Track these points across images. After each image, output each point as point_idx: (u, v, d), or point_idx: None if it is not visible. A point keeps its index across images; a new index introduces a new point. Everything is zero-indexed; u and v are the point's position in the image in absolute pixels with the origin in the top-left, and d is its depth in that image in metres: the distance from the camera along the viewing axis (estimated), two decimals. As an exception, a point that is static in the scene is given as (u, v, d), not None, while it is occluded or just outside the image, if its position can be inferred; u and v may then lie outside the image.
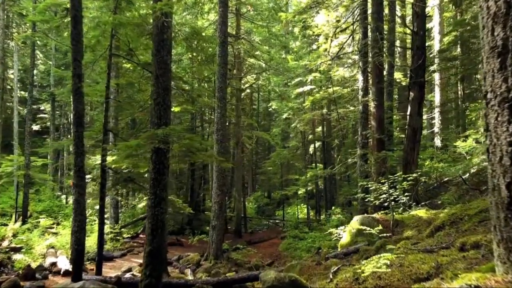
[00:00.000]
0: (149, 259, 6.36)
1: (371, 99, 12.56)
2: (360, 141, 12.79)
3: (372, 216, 8.34)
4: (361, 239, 8.07)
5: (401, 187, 8.47)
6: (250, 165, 38.66)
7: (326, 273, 6.36)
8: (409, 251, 4.82)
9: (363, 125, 12.96)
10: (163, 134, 6.35)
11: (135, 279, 8.55)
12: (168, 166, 6.75)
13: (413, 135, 11.94)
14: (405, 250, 4.89)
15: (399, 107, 21.47)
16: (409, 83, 12.55)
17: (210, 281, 7.92)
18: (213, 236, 13.74)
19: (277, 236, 20.04)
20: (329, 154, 25.40)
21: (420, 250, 4.77)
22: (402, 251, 4.96)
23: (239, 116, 21.46)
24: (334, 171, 13.96)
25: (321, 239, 16.02)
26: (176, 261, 13.52)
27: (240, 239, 20.36)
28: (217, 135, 13.98)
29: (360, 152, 12.66)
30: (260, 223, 28.61)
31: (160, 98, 6.76)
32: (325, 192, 24.91)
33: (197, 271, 12.47)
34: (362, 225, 8.23)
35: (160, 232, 6.48)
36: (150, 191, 6.66)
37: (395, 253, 4.92)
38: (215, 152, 13.97)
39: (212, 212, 13.97)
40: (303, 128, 25.00)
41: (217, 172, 13.88)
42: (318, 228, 18.42)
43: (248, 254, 15.26)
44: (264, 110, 40.85)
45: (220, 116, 14.04)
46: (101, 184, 8.74)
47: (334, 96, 16.73)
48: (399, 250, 5.02)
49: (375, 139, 12.26)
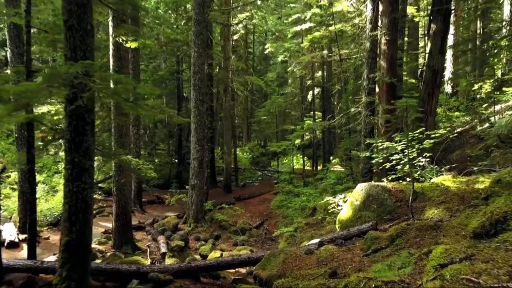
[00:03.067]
0: (67, 254, 4.45)
1: (382, 33, 10.10)
2: (366, 86, 10.51)
3: (381, 185, 6.36)
4: (367, 214, 6.16)
5: (420, 146, 6.44)
6: (245, 114, 36.52)
7: (319, 272, 4.48)
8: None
9: (370, 66, 10.58)
10: (73, 74, 4.15)
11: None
12: (93, 122, 4.62)
13: (432, 78, 9.68)
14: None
15: (408, 47, 18.86)
16: (430, 12, 10.03)
17: (169, 269, 6.13)
18: (192, 196, 11.96)
19: (269, 190, 18.38)
20: (329, 101, 23.11)
21: None
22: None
23: (227, 58, 18.87)
24: (334, 123, 11.83)
25: (317, 197, 14.33)
26: (150, 225, 11.84)
27: (229, 194, 18.77)
28: (194, 79, 11.67)
29: (365, 99, 10.45)
30: (254, 175, 27.06)
31: (73, 19, 4.45)
32: (323, 143, 22.99)
33: (172, 237, 10.81)
34: (368, 196, 6.29)
35: (83, 217, 4.52)
36: (66, 158, 4.60)
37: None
38: (192, 101, 11.77)
39: (191, 170, 12.07)
40: (301, 73, 22.47)
41: (196, 124, 11.76)
42: (314, 184, 16.72)
43: (235, 214, 13.62)
44: (260, 53, 37.93)
45: (198, 56, 11.62)
46: (28, 143, 6.69)
47: (335, 31, 14.08)
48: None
49: (384, 84, 9.99)
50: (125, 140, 8.99)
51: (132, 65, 13.05)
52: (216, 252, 9.38)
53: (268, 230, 13.02)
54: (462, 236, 3.83)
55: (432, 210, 5.24)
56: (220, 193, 18.93)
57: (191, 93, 11.85)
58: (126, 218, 9.10)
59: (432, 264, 3.04)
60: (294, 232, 11.12)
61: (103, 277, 6.16)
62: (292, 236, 10.80)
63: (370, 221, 5.93)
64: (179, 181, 20.93)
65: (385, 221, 5.80)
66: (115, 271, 6.15)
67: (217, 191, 19.34)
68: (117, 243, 9.05)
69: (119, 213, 9.00)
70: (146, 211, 14.16)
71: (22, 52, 8.44)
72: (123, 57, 8.98)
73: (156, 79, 21.14)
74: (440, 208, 5.20)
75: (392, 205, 5.98)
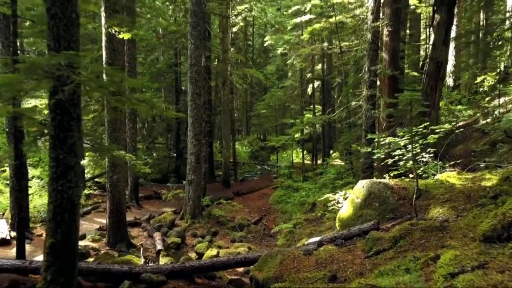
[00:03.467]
0: (52, 257, 4.21)
1: (384, 24, 9.79)
2: (367, 79, 10.21)
3: (383, 182, 6.11)
4: (369, 213, 5.92)
5: (424, 141, 6.19)
6: (245, 107, 36.20)
7: (318, 276, 4.26)
8: None
9: (372, 58, 10.27)
10: (55, 66, 3.87)
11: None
12: (79, 116, 4.35)
13: (436, 71, 9.38)
14: None
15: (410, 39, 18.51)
16: (434, 2, 9.71)
17: (162, 269, 5.90)
18: (189, 192, 11.72)
19: (268, 185, 18.14)
20: (329, 94, 22.79)
21: None
22: None
23: (225, 50, 18.52)
24: (334, 117, 11.55)
25: (316, 192, 14.10)
26: (146, 221, 11.61)
27: (228, 189, 18.55)
28: (191, 72, 11.37)
29: (366, 93, 10.16)
30: (253, 169, 26.83)
31: (56, 7, 4.16)
32: (323, 137, 22.72)
33: (169, 234, 10.60)
34: (370, 194, 6.04)
35: (69, 217, 4.27)
36: (50, 155, 4.34)
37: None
38: (189, 94, 11.49)
39: (188, 165, 11.82)
40: (301, 65, 22.10)
41: (193, 117, 11.49)
42: (313, 178, 16.48)
43: (233, 210, 13.40)
44: (260, 46, 37.50)
45: (194, 48, 11.31)
46: (15, 138, 6.42)
47: (336, 23, 13.73)
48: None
49: (386, 77, 9.71)
50: (118, 134, 8.73)
51: (127, 58, 12.74)
52: (213, 250, 9.16)
53: (266, 226, 12.81)
54: (470, 239, 3.58)
55: (437, 209, 4.99)
56: (218, 188, 18.71)
57: (188, 86, 11.56)
58: (120, 215, 8.86)
59: (441, 272, 2.79)
60: (293, 228, 10.92)
61: (94, 277, 5.94)
62: (291, 233, 10.59)
63: (371, 219, 5.69)
64: (177, 176, 20.69)
65: (387, 220, 5.56)
66: (106, 272, 5.92)
67: (216, 185, 19.12)
68: (111, 240, 8.83)
69: (113, 210, 8.76)
70: (143, 207, 13.94)
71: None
72: (117, 49, 8.68)
73: (154, 72, 20.81)
74: (446, 207, 4.96)
75: (395, 203, 5.74)
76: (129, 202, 13.67)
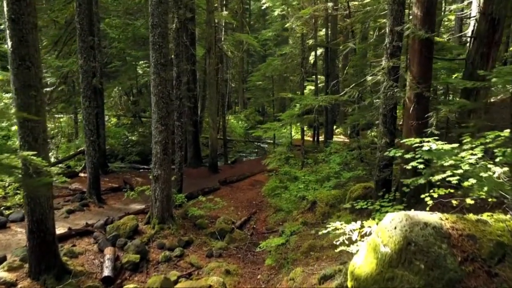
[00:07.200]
0: None
1: (416, -35, 6.88)
2: (388, 44, 7.41)
3: (433, 224, 3.51)
4: (407, 277, 3.39)
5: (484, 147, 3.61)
6: (241, 78, 33.22)
7: None
8: None
9: (395, 16, 7.42)
10: None
11: None
12: None
13: (489, 32, 6.59)
14: None
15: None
16: None
17: None
18: (156, 190, 9.22)
19: (262, 170, 15.61)
20: (333, 63, 19.83)
21: None
22: None
23: (210, 11, 15.49)
24: (342, 97, 8.83)
25: (316, 185, 11.56)
26: (101, 227, 9.14)
27: (215, 175, 16.11)
28: (153, 35, 8.56)
29: (387, 63, 7.39)
30: (248, 148, 24.31)
31: None
32: (326, 112, 19.91)
33: (127, 247, 8.21)
34: (408, 244, 3.49)
35: None
36: None
37: None
38: (152, 65, 8.74)
39: (153, 157, 9.26)
40: (301, 30, 19.01)
41: (157, 95, 8.78)
42: (314, 164, 13.92)
43: (215, 208, 10.95)
44: (258, 9, 34.04)
45: (157, 2, 8.44)
46: None
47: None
48: None
49: (417, 41, 6.89)
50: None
51: (78, 18, 9.92)
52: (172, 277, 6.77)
53: (255, 230, 10.43)
54: None
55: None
56: (204, 173, 16.25)
57: (150, 55, 8.78)
58: (45, 235, 6.39)
59: None
60: (288, 237, 8.52)
61: None
62: (283, 248, 8.19)
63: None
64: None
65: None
66: None
67: (202, 171, 16.64)
68: (33, 269, 6.41)
69: (33, 230, 6.29)
70: (106, 203, 11.47)
71: None
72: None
73: (129, 38, 17.79)
74: None
75: (457, 269, 3.19)
76: (88, 198, 11.24)
